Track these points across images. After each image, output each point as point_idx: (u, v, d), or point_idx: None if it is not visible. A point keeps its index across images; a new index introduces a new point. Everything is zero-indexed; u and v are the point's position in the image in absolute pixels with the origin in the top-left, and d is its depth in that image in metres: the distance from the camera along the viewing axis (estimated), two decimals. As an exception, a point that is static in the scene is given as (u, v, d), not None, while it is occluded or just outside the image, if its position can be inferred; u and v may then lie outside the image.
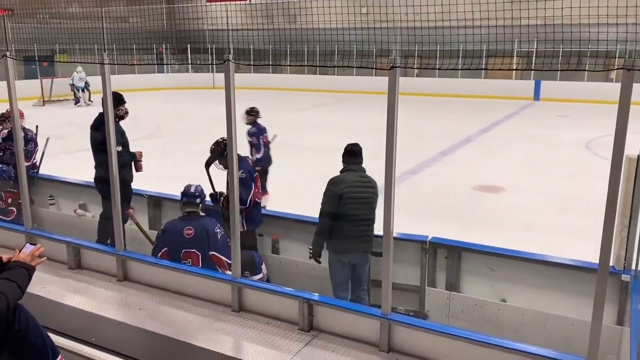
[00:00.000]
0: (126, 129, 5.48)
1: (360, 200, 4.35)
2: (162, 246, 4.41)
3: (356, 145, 4.53)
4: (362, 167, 4.49)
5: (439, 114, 19.55)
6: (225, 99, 3.59)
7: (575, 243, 6.64)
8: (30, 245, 2.73)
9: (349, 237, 4.34)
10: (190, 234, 4.28)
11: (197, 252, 4.27)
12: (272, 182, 8.63)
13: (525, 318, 4.14)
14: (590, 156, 12.32)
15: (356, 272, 4.48)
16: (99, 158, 5.32)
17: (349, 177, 4.40)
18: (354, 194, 4.34)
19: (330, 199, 4.34)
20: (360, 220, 4.35)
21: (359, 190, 4.37)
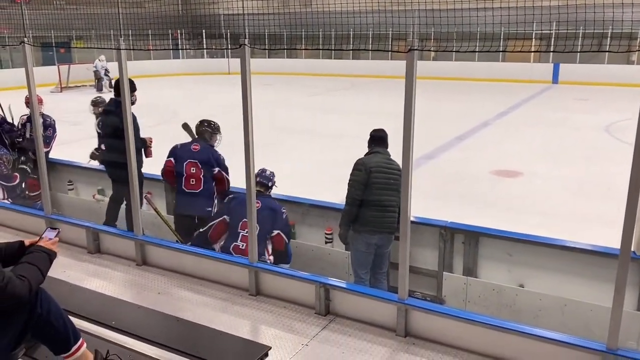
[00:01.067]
0: (143, 115, 5.51)
1: (387, 180, 4.32)
2: (224, 214, 4.57)
3: (381, 131, 4.53)
4: (388, 152, 4.46)
5: (456, 97, 19.35)
6: (241, 84, 3.57)
7: (594, 228, 6.57)
8: (52, 229, 2.77)
9: (376, 218, 4.32)
10: (258, 206, 4.29)
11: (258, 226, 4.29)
12: (288, 166, 8.63)
13: (544, 303, 4.11)
14: (610, 140, 12.12)
15: (378, 254, 4.46)
16: (111, 143, 5.43)
17: (375, 158, 4.40)
18: (382, 172, 4.33)
19: (358, 177, 4.33)
20: (386, 202, 4.32)
21: (386, 171, 4.34)
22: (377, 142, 4.48)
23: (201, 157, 5.04)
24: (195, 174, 4.98)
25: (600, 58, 21.79)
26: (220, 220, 4.55)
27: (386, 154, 4.44)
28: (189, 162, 4.98)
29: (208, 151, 5.10)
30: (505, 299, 4.28)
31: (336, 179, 4.51)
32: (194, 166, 4.99)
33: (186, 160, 4.99)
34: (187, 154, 5.02)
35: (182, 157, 5.03)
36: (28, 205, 5.95)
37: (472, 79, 23.82)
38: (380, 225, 4.35)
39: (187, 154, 5.02)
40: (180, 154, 5.06)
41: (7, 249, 2.61)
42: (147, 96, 5.56)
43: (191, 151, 5.04)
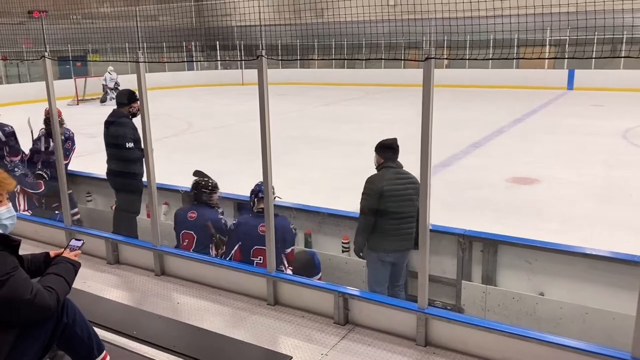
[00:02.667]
0: (158, 126, 5.58)
1: (400, 197, 4.22)
2: (237, 241, 4.49)
3: (390, 141, 4.37)
4: (399, 163, 4.34)
5: (470, 105, 19.29)
6: (259, 95, 3.60)
7: (614, 234, 6.50)
8: (76, 240, 2.81)
9: (390, 235, 4.23)
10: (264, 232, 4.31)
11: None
12: (303, 176, 8.66)
13: (564, 311, 4.07)
14: (628, 146, 11.99)
15: (394, 270, 4.40)
16: (112, 153, 5.57)
17: (387, 174, 4.27)
18: (394, 191, 4.22)
19: (370, 197, 4.23)
20: (401, 217, 4.21)
21: (399, 187, 4.23)
22: (386, 154, 4.32)
23: (197, 226, 4.75)
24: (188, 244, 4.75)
25: (615, 63, 21.59)
26: (237, 248, 4.48)
27: (397, 167, 4.32)
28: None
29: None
30: (525, 307, 4.24)
31: (352, 188, 4.51)
32: (187, 238, 4.75)
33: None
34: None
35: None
36: (47, 216, 6.03)
37: (486, 86, 23.75)
38: (397, 243, 4.27)
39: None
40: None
41: (32, 260, 2.65)
42: (162, 107, 5.62)
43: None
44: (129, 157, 5.45)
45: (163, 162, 5.28)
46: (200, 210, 4.84)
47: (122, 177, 5.62)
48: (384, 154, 4.32)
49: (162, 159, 4.93)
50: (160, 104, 18.20)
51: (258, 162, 3.78)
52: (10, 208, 2.61)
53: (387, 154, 4.31)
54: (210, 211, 4.86)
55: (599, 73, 22.16)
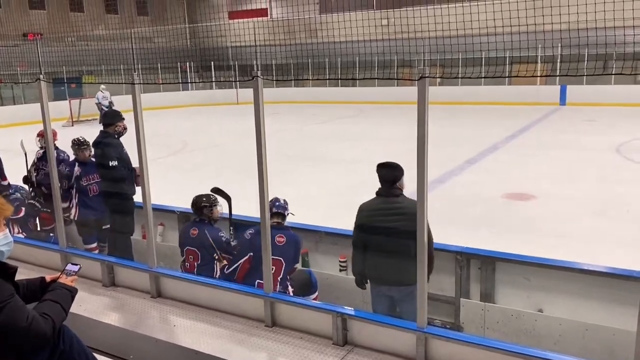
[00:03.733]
0: (153, 147, 5.58)
1: (383, 229, 3.88)
2: (247, 250, 4.46)
3: (382, 166, 4.00)
4: (393, 191, 3.94)
5: (464, 122, 19.39)
6: (255, 115, 3.62)
7: (612, 250, 6.49)
8: (73, 265, 2.78)
9: (380, 268, 4.00)
10: (282, 242, 4.31)
11: (282, 261, 4.30)
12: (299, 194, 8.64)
13: (564, 328, 4.05)
14: (622, 161, 12.05)
15: (398, 308, 4.06)
16: (102, 173, 5.61)
17: (371, 204, 4.01)
18: (375, 223, 3.94)
19: (355, 227, 4.07)
20: (388, 250, 3.88)
21: (381, 219, 3.91)
22: (381, 178, 3.98)
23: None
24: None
25: (606, 79, 21.81)
26: (246, 259, 4.46)
27: (389, 195, 3.94)
28: (188, 249, 4.76)
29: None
30: (524, 324, 4.22)
31: (349, 206, 4.49)
32: (192, 254, 4.77)
33: (185, 247, 4.77)
34: (187, 240, 4.79)
35: (183, 241, 4.84)
36: (42, 239, 5.98)
37: (478, 103, 23.90)
38: (388, 272, 3.94)
39: (187, 240, 4.79)
40: (182, 238, 4.87)
41: (28, 285, 2.62)
42: (156, 128, 5.63)
43: (190, 237, 4.78)
44: (115, 176, 5.48)
45: (158, 182, 5.26)
46: (201, 228, 4.84)
47: (112, 197, 5.63)
48: (380, 178, 4.01)
49: (157, 179, 4.91)
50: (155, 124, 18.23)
51: (254, 180, 3.78)
52: (7, 234, 2.58)
53: (381, 178, 4.00)
54: (211, 228, 4.85)
55: (590, 88, 22.37)
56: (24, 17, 25.14)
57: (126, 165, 5.53)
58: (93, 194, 5.74)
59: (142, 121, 4.23)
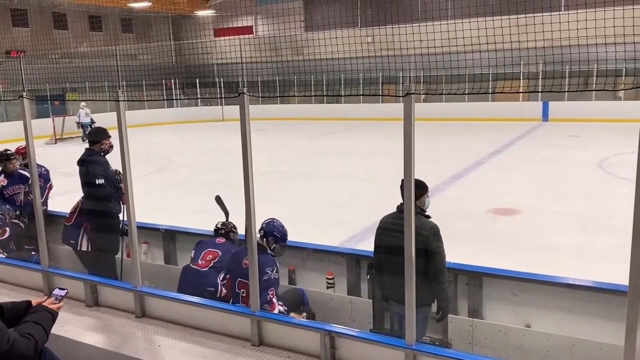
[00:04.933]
0: (139, 163, 5.55)
1: (391, 242, 3.88)
2: (228, 270, 4.45)
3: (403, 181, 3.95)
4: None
5: (449, 137, 19.56)
6: (241, 131, 3.60)
7: (596, 264, 6.54)
8: (60, 289, 2.75)
9: (387, 283, 4.02)
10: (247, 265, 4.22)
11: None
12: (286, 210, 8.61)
13: (552, 343, 4.04)
14: (604, 175, 12.21)
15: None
16: (86, 191, 5.53)
17: (386, 218, 4.07)
18: (385, 236, 4.02)
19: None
20: (392, 265, 3.81)
21: (390, 234, 3.95)
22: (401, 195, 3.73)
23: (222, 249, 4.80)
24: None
25: (588, 95, 22.20)
26: (227, 279, 4.44)
27: (401, 211, 3.80)
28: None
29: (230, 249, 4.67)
30: (512, 340, 4.21)
31: (336, 222, 4.48)
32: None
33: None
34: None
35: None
36: (23, 258, 5.87)
37: (462, 119, 24.15)
38: (394, 288, 3.88)
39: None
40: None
41: (13, 308, 2.57)
42: (141, 145, 5.60)
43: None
44: (100, 195, 5.42)
45: (143, 200, 5.20)
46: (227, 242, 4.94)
47: (97, 215, 5.56)
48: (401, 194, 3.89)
49: (142, 197, 4.86)
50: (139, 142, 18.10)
51: (240, 197, 3.75)
52: None
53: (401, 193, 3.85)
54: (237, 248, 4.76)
55: (572, 105, 22.74)
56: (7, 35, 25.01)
57: (112, 183, 5.47)
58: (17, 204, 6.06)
59: (127, 139, 4.19)
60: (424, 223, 3.85)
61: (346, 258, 4.98)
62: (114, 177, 5.47)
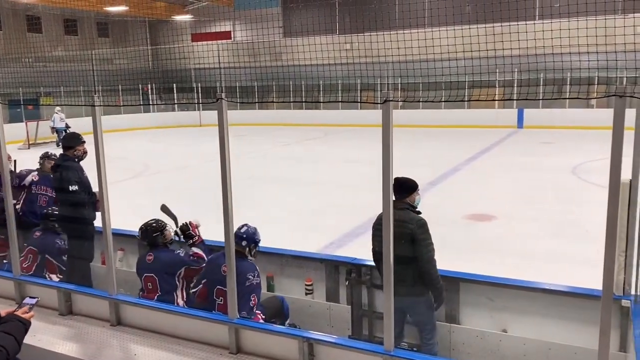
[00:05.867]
0: (115, 168, 5.48)
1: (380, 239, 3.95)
2: (203, 277, 4.37)
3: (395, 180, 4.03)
4: (399, 203, 4.04)
5: (425, 144, 19.75)
6: (219, 137, 3.57)
7: (570, 269, 6.64)
8: (30, 298, 2.69)
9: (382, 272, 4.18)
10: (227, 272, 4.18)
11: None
12: (264, 216, 8.57)
13: (528, 348, 4.09)
14: (577, 182, 12.44)
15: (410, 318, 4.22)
16: (61, 197, 5.47)
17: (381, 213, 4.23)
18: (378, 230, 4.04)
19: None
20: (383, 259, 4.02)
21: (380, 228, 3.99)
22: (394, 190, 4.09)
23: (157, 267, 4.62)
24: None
25: (561, 103, 22.65)
26: (202, 285, 4.39)
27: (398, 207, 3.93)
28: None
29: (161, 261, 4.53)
30: (489, 345, 4.24)
31: (314, 228, 4.48)
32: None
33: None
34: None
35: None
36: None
37: (439, 126, 24.42)
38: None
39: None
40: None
41: None
42: (117, 150, 5.53)
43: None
44: (74, 201, 5.33)
45: (118, 206, 5.13)
46: (155, 253, 4.71)
47: (71, 222, 5.47)
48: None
49: (117, 203, 4.79)
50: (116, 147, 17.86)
51: (218, 203, 3.72)
52: None
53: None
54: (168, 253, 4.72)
55: (546, 112, 23.20)
56: (-22, 38, 24.53)
57: (86, 189, 5.38)
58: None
59: (103, 144, 4.13)
60: (411, 217, 4.05)
61: (325, 264, 4.97)
62: (89, 183, 5.39)
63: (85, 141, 5.47)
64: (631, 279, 3.80)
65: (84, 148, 5.47)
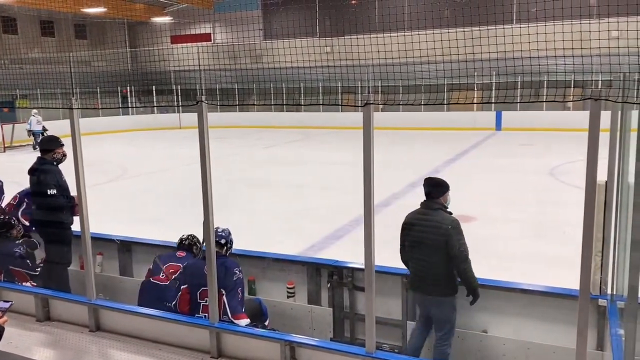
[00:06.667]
0: (93, 172, 5.40)
1: (415, 234, 4.21)
2: (183, 283, 4.32)
3: (427, 180, 4.35)
4: (432, 204, 4.24)
5: (405, 147, 19.86)
6: (199, 139, 3.56)
7: (548, 269, 6.73)
8: (3, 302, 2.63)
9: (411, 271, 4.27)
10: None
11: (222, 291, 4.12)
12: (245, 219, 8.54)
13: (507, 348, 4.13)
14: (555, 183, 12.62)
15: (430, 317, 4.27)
16: (38, 201, 5.37)
17: (411, 214, 4.32)
18: (409, 227, 4.26)
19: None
20: (416, 258, 4.20)
21: (415, 225, 4.24)
22: (425, 192, 4.29)
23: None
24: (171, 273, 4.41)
25: (539, 105, 23.01)
26: (183, 290, 4.35)
27: (427, 207, 4.24)
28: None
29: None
30: (469, 345, 4.28)
31: (296, 230, 4.47)
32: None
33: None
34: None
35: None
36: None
37: (419, 128, 24.61)
38: (415, 280, 4.23)
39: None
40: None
41: None
42: (96, 153, 5.46)
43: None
44: (53, 205, 5.24)
45: (97, 209, 5.07)
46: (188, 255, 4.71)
47: (48, 226, 5.39)
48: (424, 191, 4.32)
49: (95, 207, 4.73)
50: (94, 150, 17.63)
51: (198, 206, 3.70)
52: None
53: (425, 191, 4.31)
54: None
55: (524, 114, 23.53)
56: (-49, 39, 24.04)
57: (65, 193, 5.30)
58: None
59: (81, 147, 4.08)
60: (445, 218, 4.17)
61: (307, 267, 4.97)
62: (67, 187, 5.31)
63: (64, 144, 5.39)
64: (607, 278, 3.87)
65: (63, 151, 5.38)
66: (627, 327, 2.86)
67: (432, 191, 4.25)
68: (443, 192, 4.30)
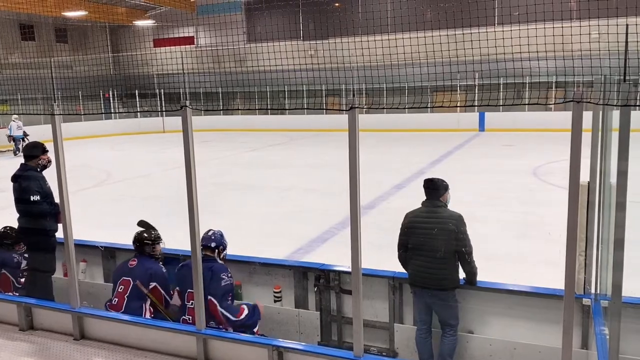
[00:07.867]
0: (76, 177, 5.34)
1: (422, 232, 4.33)
2: (176, 284, 4.35)
3: (429, 182, 4.52)
4: (436, 202, 4.43)
5: (389, 149, 19.93)
6: (184, 145, 3.53)
7: (533, 270, 6.79)
8: None
9: (415, 271, 4.33)
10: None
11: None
12: (231, 223, 8.50)
13: (494, 348, 4.16)
14: (539, 183, 12.75)
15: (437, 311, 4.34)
16: (21, 208, 5.28)
17: (416, 210, 4.47)
18: (416, 225, 4.38)
19: (400, 230, 4.45)
20: (423, 253, 4.29)
21: (422, 223, 4.36)
22: (425, 192, 4.49)
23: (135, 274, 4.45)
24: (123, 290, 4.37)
25: (521, 106, 23.28)
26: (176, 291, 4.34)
27: (432, 205, 4.41)
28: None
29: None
30: (456, 346, 4.30)
31: (282, 234, 4.46)
32: (123, 284, 4.36)
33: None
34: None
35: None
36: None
37: (403, 130, 24.72)
38: (420, 275, 4.31)
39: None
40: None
41: None
42: (79, 158, 5.39)
43: (127, 267, 4.45)
44: (36, 211, 5.17)
45: (80, 216, 5.02)
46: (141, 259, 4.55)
47: (32, 233, 5.31)
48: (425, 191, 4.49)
49: (78, 213, 4.68)
50: (76, 155, 17.45)
51: (183, 211, 3.67)
52: None
53: (425, 191, 4.49)
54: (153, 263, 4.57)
55: (507, 115, 23.77)
56: None
57: (49, 199, 5.22)
58: None
59: (63, 152, 4.03)
60: (451, 214, 4.39)
61: (293, 271, 4.96)
62: (51, 193, 5.23)
63: (48, 150, 5.32)
64: (591, 278, 3.91)
65: (48, 157, 5.31)
66: (612, 325, 2.90)
67: (434, 191, 4.45)
68: (444, 192, 4.50)
